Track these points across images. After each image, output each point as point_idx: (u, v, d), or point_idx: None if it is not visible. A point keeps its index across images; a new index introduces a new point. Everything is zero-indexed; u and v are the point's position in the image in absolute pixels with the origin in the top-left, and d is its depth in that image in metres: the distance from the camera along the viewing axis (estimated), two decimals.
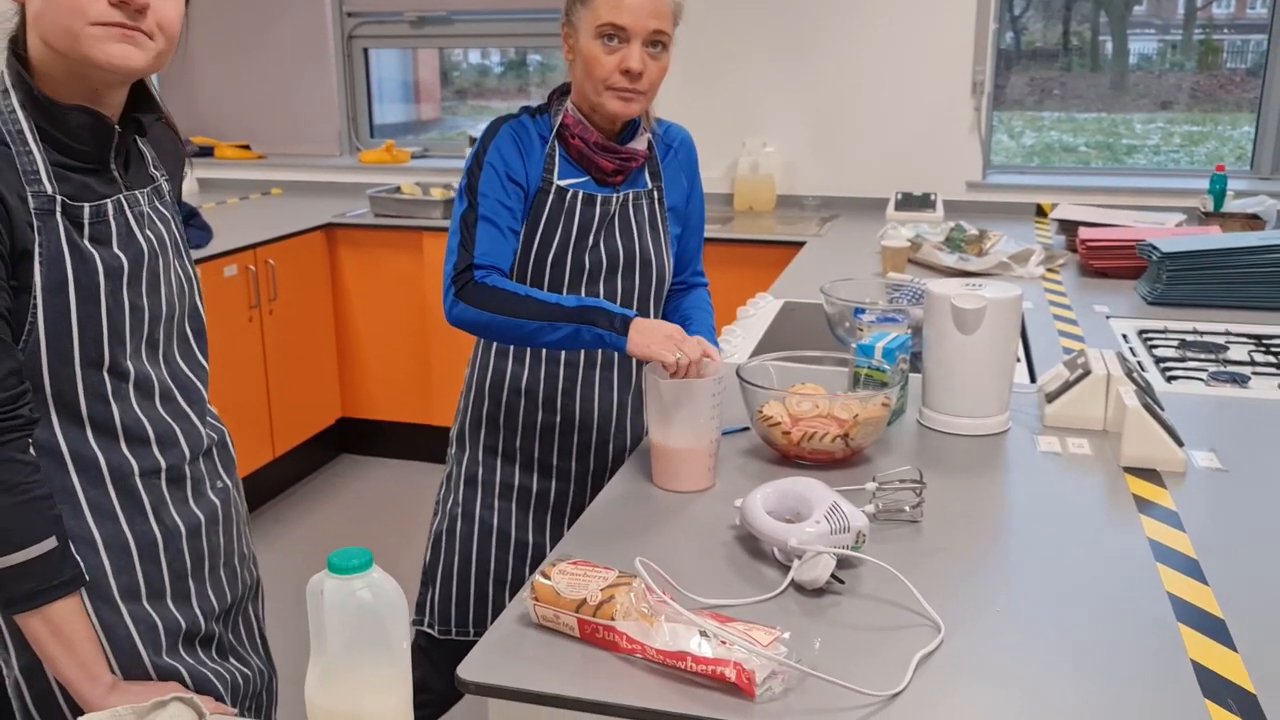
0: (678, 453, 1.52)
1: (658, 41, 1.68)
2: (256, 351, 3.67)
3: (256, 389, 3.68)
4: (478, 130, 4.44)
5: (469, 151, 4.78)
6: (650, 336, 1.57)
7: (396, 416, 4.17)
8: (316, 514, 3.80)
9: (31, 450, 1.15)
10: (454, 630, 1.93)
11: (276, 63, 4.67)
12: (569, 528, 1.91)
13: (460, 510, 1.90)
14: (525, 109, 1.79)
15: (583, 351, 1.84)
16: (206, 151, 4.71)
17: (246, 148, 4.77)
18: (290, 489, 4.00)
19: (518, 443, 1.87)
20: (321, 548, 3.53)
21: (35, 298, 1.14)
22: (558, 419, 1.86)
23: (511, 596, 1.92)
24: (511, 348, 1.85)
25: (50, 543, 1.14)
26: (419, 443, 4.20)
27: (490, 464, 1.89)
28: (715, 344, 1.82)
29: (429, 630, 1.94)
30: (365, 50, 4.72)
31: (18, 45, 1.18)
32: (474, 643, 1.92)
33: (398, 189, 4.13)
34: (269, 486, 3.88)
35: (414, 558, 3.22)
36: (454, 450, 1.93)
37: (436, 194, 4.05)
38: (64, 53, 1.14)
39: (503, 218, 1.71)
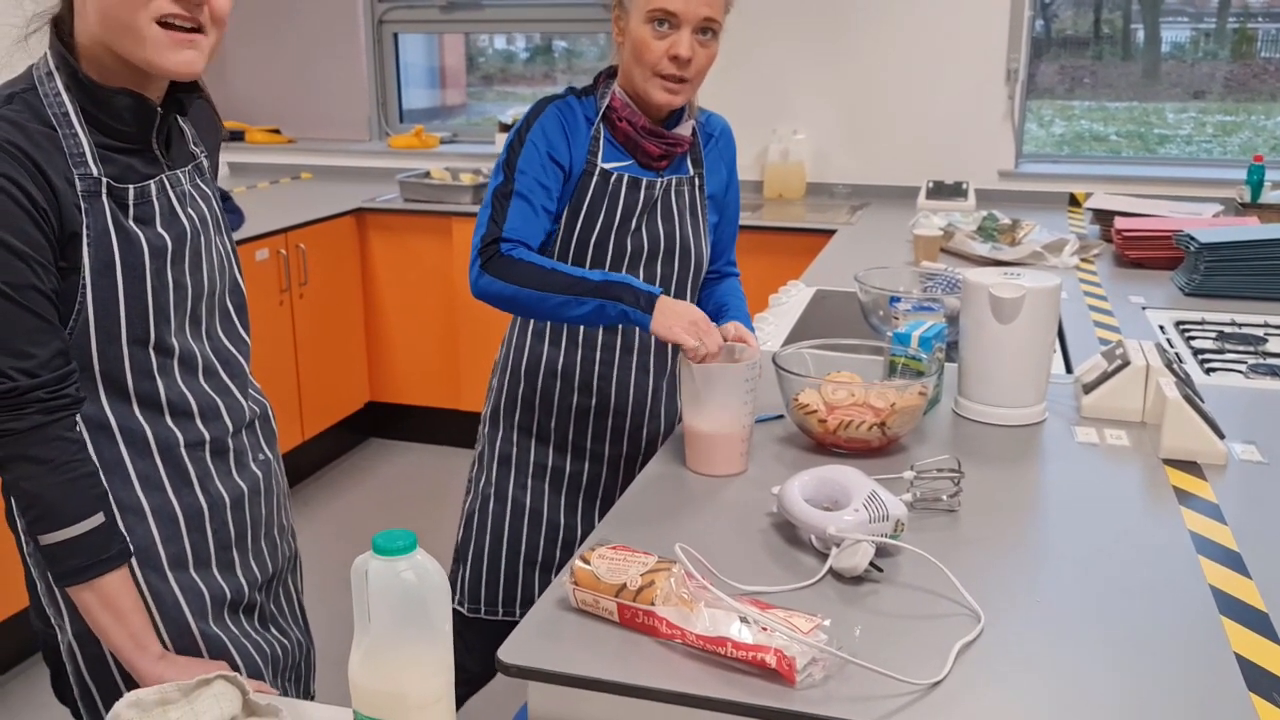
0: (711, 437, 1.52)
1: (708, 28, 1.68)
2: (287, 335, 3.69)
3: (286, 373, 3.70)
4: (505, 116, 4.47)
5: (499, 137, 4.74)
6: (674, 318, 1.56)
7: (424, 401, 4.19)
8: (344, 498, 3.82)
9: (78, 428, 1.18)
10: (484, 609, 1.94)
11: (307, 47, 4.68)
12: (601, 511, 1.92)
13: (493, 490, 1.91)
14: (571, 90, 1.79)
15: (619, 335, 1.84)
16: (237, 136, 4.74)
17: (277, 132, 4.78)
18: (318, 472, 4.03)
19: (552, 424, 1.88)
20: (349, 531, 3.56)
21: (84, 279, 1.16)
22: (593, 402, 1.86)
23: (542, 578, 1.93)
24: (547, 329, 1.85)
25: (98, 518, 1.17)
26: (447, 427, 4.22)
27: (524, 444, 1.89)
28: (751, 329, 1.82)
29: (459, 609, 1.95)
30: (395, 35, 4.73)
31: (62, 27, 1.19)
32: (505, 622, 1.94)
33: (427, 174, 4.14)
34: (297, 470, 3.91)
35: (441, 542, 3.24)
36: (487, 429, 1.94)
37: (466, 179, 4.06)
38: (126, 55, 1.15)
39: (538, 196, 1.71)
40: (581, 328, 1.84)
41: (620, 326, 1.84)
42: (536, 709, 1.11)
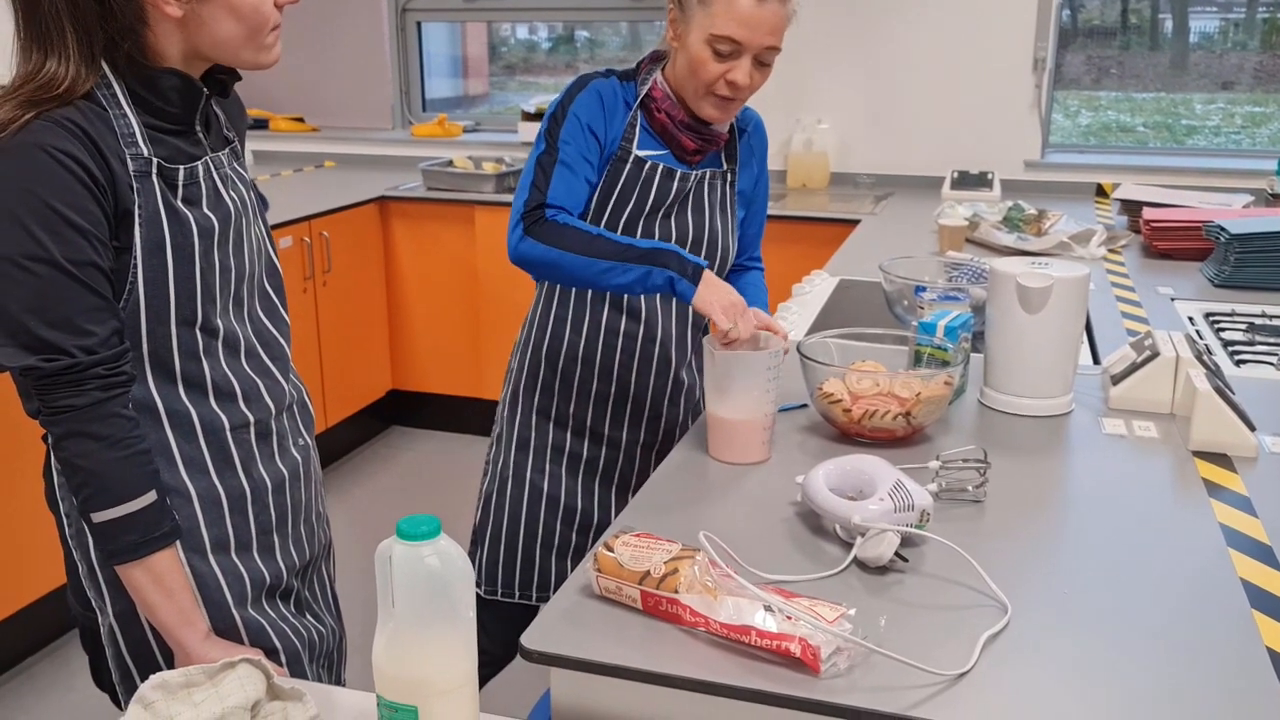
0: (732, 424, 1.51)
1: (768, 55, 1.66)
2: (310, 323, 3.71)
3: (309, 360, 3.72)
4: (528, 105, 4.46)
5: (521, 125, 4.71)
6: (716, 295, 1.55)
7: (446, 389, 4.20)
8: (366, 485, 3.84)
9: (130, 406, 1.19)
10: (500, 591, 1.95)
11: (331, 36, 4.69)
12: (616, 496, 1.92)
13: (510, 472, 1.92)
14: (611, 71, 1.78)
15: (641, 324, 1.84)
16: (261, 124, 4.75)
17: (300, 120, 4.80)
18: (340, 460, 4.05)
19: (571, 408, 1.88)
20: (371, 519, 3.57)
21: (135, 258, 1.17)
22: (612, 388, 1.86)
23: (558, 563, 1.93)
24: (569, 314, 1.85)
25: (150, 496, 1.19)
26: (468, 415, 4.23)
27: (542, 427, 1.90)
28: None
29: (476, 590, 1.96)
30: (418, 24, 4.73)
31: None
32: (520, 605, 1.94)
33: (450, 163, 4.14)
34: (319, 457, 3.92)
35: (463, 529, 3.24)
36: (505, 412, 1.95)
37: (489, 168, 4.06)
38: (236, 61, 1.22)
39: (581, 167, 1.70)
40: (605, 315, 1.83)
41: (644, 313, 1.83)
42: (559, 695, 1.11)
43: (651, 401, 1.89)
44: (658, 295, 1.83)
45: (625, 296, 1.82)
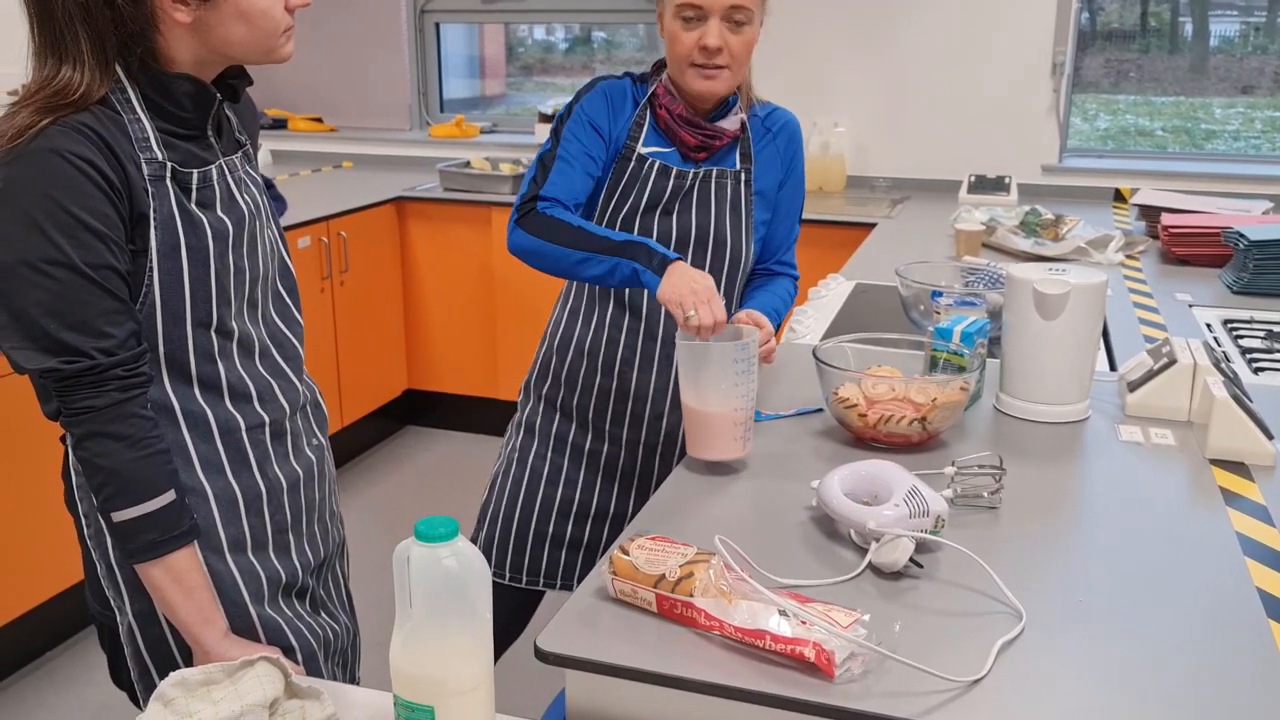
0: (701, 416, 1.49)
1: (738, 15, 1.69)
2: (327, 322, 3.72)
3: (326, 359, 3.74)
4: (545, 106, 4.48)
5: (538, 127, 4.75)
6: (677, 285, 1.56)
7: (462, 390, 4.21)
8: (381, 485, 3.85)
9: (149, 407, 1.20)
10: (492, 572, 1.97)
11: (350, 36, 4.71)
12: (618, 492, 1.95)
13: (517, 455, 1.98)
14: (628, 74, 1.84)
15: (642, 320, 1.86)
16: (280, 124, 4.77)
17: (319, 120, 4.82)
18: (356, 459, 4.06)
19: (575, 400, 1.93)
20: (386, 518, 3.58)
21: (151, 261, 1.19)
22: (614, 384, 1.90)
23: (550, 551, 1.97)
24: (581, 310, 1.90)
25: (170, 495, 1.20)
26: (483, 416, 4.24)
27: (548, 415, 1.95)
28: (776, 322, 1.83)
29: None
30: (437, 25, 4.74)
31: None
32: (511, 587, 1.98)
33: (467, 164, 4.15)
34: (335, 456, 3.94)
35: None
36: (521, 397, 2.01)
37: (505, 169, 4.07)
38: (249, 60, 1.23)
39: (580, 160, 1.75)
40: (610, 311, 1.87)
41: (645, 311, 1.86)
42: (574, 696, 1.11)
43: (652, 401, 1.91)
44: None
45: (629, 293, 1.87)
